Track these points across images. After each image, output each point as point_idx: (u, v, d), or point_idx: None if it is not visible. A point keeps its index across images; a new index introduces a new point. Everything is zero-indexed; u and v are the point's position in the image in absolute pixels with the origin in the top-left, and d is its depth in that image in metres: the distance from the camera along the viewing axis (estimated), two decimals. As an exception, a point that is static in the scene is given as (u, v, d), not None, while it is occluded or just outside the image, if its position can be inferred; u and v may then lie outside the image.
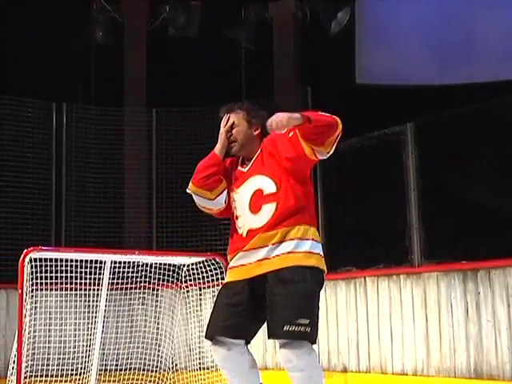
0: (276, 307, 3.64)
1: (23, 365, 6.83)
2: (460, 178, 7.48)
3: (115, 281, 7.90)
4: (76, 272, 7.78)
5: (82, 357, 8.00)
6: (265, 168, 3.82)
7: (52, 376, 7.90)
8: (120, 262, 7.59)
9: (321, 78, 10.39)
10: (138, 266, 7.86)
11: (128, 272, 7.80)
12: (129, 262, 7.71)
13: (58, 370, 7.98)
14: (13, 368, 6.84)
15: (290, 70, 11.42)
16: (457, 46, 10.82)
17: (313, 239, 3.77)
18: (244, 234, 3.79)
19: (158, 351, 8.40)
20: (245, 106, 4.02)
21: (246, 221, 3.80)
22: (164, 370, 8.22)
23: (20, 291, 6.71)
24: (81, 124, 9.92)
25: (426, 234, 7.54)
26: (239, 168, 3.94)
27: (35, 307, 7.73)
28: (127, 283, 7.93)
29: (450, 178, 7.57)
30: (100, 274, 7.84)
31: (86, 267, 7.80)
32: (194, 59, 12.16)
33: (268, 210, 3.74)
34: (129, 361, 8.47)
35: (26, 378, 7.10)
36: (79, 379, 7.90)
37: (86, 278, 7.85)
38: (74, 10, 11.37)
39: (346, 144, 8.26)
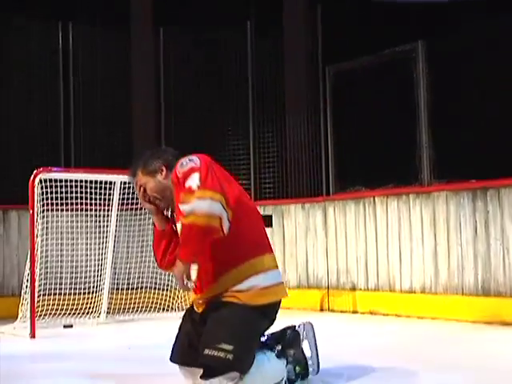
0: (204, 331, 3.47)
1: (36, 283, 6.96)
2: (471, 96, 7.39)
3: (125, 201, 7.95)
4: (86, 193, 7.83)
5: (94, 276, 8.12)
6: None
7: (65, 294, 8.03)
8: (130, 183, 7.60)
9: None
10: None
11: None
12: (138, 183, 7.72)
13: (70, 288, 8.11)
14: (26, 286, 6.96)
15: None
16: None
17: (256, 273, 3.53)
18: None
19: (169, 270, 8.48)
20: (139, 162, 3.79)
21: None
22: (175, 289, 8.31)
23: (31, 211, 6.78)
24: (88, 41, 9.76)
25: (435, 154, 7.51)
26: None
27: (46, 227, 7.81)
28: (137, 203, 7.95)
29: (461, 97, 7.47)
30: (110, 194, 7.89)
31: (95, 188, 7.84)
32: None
33: None
34: (140, 279, 8.59)
35: (39, 296, 7.24)
36: (91, 297, 8.03)
37: (96, 199, 7.90)
38: None
39: (355, 63, 8.17)
